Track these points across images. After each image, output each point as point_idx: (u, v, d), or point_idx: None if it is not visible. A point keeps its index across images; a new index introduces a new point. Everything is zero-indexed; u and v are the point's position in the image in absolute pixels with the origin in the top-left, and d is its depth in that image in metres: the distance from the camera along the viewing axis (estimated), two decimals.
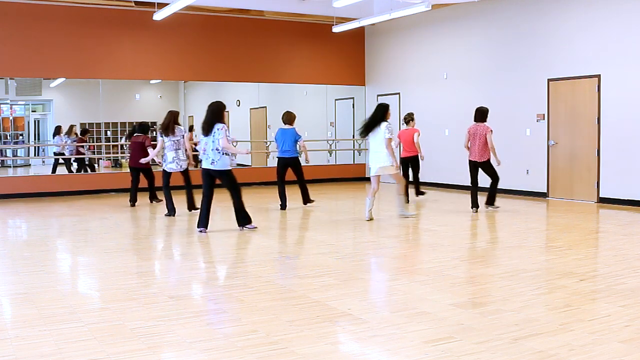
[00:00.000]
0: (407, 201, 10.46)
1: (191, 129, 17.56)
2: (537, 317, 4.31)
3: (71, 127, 15.76)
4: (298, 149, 10.38)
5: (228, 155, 7.90)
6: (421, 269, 5.89)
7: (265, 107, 17.64)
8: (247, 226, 8.16)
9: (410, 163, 11.25)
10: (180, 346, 3.83)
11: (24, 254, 6.95)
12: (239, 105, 18.41)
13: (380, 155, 8.81)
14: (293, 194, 10.73)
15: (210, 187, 8.02)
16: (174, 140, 9.58)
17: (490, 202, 10.03)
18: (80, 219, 10.04)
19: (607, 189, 10.74)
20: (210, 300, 4.93)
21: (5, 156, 16.34)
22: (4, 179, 13.63)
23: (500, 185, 12.50)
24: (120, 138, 18.34)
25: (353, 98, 16.59)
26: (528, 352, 3.61)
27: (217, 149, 7.80)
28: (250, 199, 12.21)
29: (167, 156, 9.63)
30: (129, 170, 11.39)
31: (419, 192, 11.69)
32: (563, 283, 5.25)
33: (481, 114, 9.88)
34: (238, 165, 9.59)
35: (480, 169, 9.89)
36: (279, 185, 10.45)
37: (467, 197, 11.62)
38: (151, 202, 11.59)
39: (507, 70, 12.47)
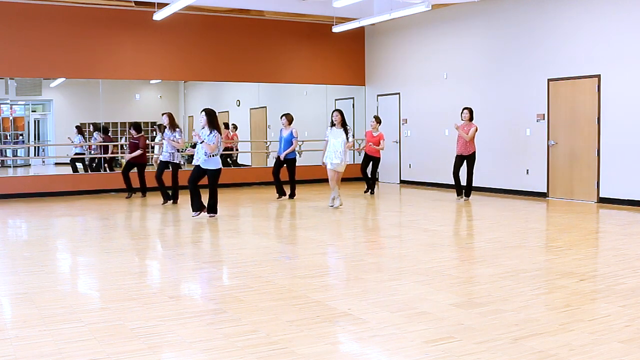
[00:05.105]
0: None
1: (227, 126, 17.17)
2: (537, 317, 4.31)
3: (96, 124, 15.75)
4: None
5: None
6: (421, 269, 5.88)
7: (265, 107, 17.62)
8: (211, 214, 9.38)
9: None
10: (180, 346, 3.83)
11: (24, 254, 6.95)
12: (239, 105, 18.39)
13: None
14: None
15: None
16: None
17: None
18: (80, 219, 10.04)
19: (607, 189, 10.74)
20: (210, 300, 4.92)
21: (5, 156, 16.34)
22: (4, 179, 13.61)
23: (500, 185, 12.57)
24: (120, 138, 18.32)
25: (353, 98, 16.59)
26: (528, 352, 3.61)
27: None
28: (250, 198, 12.21)
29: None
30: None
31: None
32: (563, 283, 5.25)
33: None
34: (240, 165, 9.56)
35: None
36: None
37: (474, 198, 11.65)
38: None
39: (507, 70, 12.46)
